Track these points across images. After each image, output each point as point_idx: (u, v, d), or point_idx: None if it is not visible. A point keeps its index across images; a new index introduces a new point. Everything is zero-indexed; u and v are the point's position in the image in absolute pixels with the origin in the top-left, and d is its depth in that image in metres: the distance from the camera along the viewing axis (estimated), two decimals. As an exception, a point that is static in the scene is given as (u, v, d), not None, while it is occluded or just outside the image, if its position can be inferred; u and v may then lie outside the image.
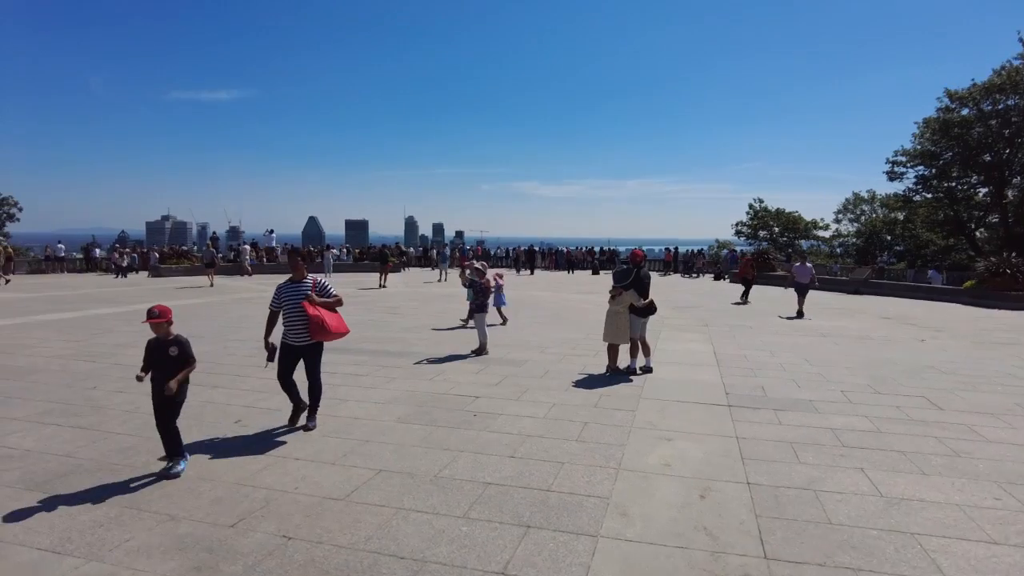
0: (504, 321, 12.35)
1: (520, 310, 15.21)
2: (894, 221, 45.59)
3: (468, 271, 9.79)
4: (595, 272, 32.38)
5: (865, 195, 50.92)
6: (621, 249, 38.03)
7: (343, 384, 7.34)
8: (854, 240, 49.70)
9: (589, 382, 7.66)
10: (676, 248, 36.35)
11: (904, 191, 37.11)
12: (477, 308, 9.34)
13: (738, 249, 43.87)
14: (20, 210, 40.83)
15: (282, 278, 5.99)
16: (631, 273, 8.07)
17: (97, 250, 31.08)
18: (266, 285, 21.44)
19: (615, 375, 8.03)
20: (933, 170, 34.73)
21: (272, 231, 31.03)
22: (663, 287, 24.55)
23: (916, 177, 35.86)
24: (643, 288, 8.10)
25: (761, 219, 49.06)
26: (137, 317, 12.79)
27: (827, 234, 50.25)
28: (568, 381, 7.68)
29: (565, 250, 37.53)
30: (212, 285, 21.36)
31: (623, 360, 8.29)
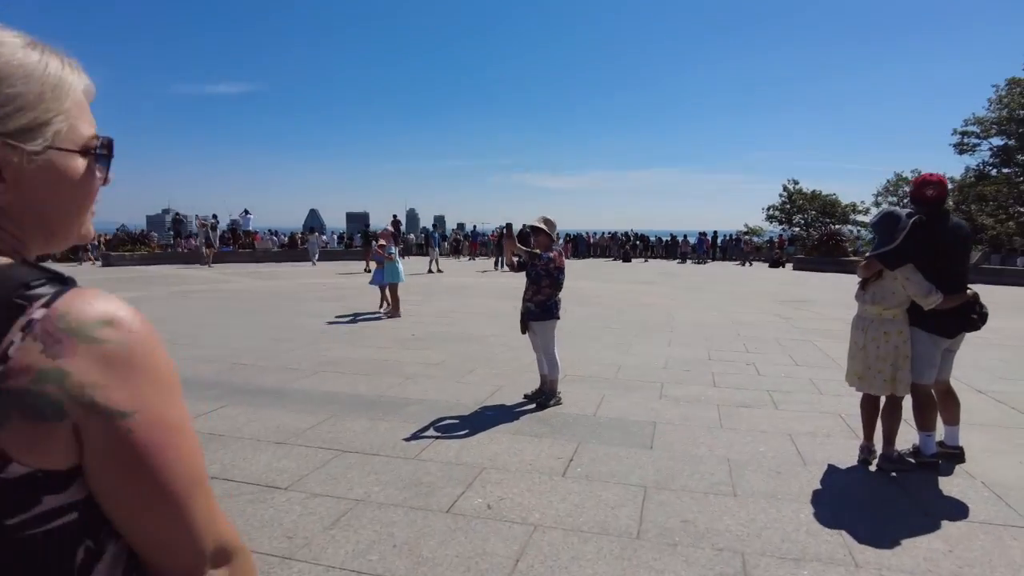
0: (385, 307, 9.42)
1: (570, 309, 10.55)
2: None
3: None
4: (626, 260, 27.62)
5: (909, 176, 46.43)
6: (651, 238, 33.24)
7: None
8: (898, 225, 45.10)
9: (867, 508, 2.95)
10: (715, 233, 31.57)
11: (977, 165, 32.42)
12: (541, 311, 4.64)
13: (774, 233, 39.29)
14: None
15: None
16: (914, 231, 3.24)
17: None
18: (229, 276, 16.74)
19: (887, 466, 3.38)
20: (1013, 140, 29.93)
21: (247, 211, 25.98)
22: (723, 277, 20.09)
23: (991, 149, 31.11)
24: (943, 263, 3.38)
25: (795, 202, 44.33)
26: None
27: (867, 218, 45.64)
28: (804, 511, 2.97)
29: (577, 237, 32.74)
30: (210, 266, 20.00)
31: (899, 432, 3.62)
